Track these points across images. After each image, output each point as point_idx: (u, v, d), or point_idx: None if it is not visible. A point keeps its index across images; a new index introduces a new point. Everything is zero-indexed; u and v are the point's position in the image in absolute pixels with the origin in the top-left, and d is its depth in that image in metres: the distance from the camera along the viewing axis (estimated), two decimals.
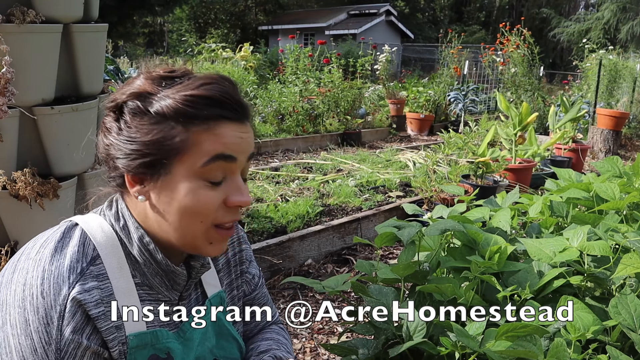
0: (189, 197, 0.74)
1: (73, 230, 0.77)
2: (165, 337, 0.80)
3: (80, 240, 0.76)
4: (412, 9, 29.52)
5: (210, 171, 0.75)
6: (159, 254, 0.79)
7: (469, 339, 0.98)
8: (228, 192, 0.77)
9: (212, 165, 0.74)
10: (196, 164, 0.74)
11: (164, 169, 0.74)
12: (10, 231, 1.35)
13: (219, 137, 0.74)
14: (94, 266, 0.74)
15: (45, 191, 1.30)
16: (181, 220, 0.76)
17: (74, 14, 1.41)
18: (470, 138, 4.22)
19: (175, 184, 0.74)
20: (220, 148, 0.74)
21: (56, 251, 0.73)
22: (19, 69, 1.24)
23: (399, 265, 1.25)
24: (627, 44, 18.80)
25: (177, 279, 0.82)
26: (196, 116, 0.73)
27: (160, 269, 0.80)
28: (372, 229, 3.39)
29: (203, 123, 0.74)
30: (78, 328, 0.71)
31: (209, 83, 0.75)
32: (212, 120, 0.74)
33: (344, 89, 7.25)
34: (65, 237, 0.76)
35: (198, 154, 0.74)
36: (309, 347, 2.13)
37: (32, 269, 0.71)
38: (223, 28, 26.88)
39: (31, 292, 0.69)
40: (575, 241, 1.25)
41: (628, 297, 1.10)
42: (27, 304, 0.69)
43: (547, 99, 8.45)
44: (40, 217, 1.35)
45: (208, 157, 0.74)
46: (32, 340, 0.68)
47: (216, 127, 0.74)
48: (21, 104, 1.29)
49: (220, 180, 0.76)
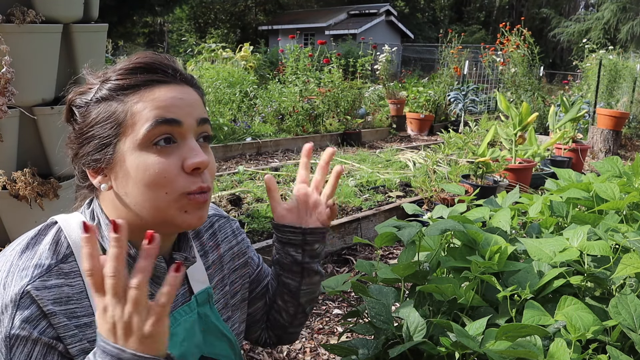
0: (142, 169, 0.73)
1: (50, 229, 0.79)
2: None
3: (54, 238, 0.77)
4: (412, 9, 29.53)
5: (154, 137, 0.73)
6: (132, 249, 0.78)
7: (468, 339, 0.98)
8: (183, 156, 0.75)
9: (154, 130, 0.73)
10: (139, 134, 0.73)
11: (112, 150, 0.75)
12: (10, 231, 1.35)
13: (155, 101, 0.74)
14: (65, 264, 0.75)
15: (45, 191, 1.30)
16: (145, 195, 0.74)
17: (74, 14, 1.41)
18: (470, 138, 4.22)
19: (127, 161, 0.74)
20: (160, 112, 0.73)
21: (27, 247, 0.75)
22: (19, 69, 1.24)
23: (399, 265, 1.25)
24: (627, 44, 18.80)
25: (157, 272, 0.80)
26: (128, 86, 0.74)
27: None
28: (372, 229, 3.39)
29: (135, 92, 0.74)
30: (31, 319, 0.71)
31: (141, 56, 0.77)
32: (144, 86, 0.75)
33: (344, 89, 7.25)
34: (40, 235, 0.77)
35: (138, 123, 0.73)
36: (309, 347, 2.13)
37: (2, 263, 0.74)
38: (223, 28, 26.88)
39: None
40: (575, 241, 1.25)
41: (628, 297, 1.10)
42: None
43: (547, 99, 8.45)
44: (40, 217, 1.35)
45: (148, 123, 0.73)
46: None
47: (149, 93, 0.74)
48: (21, 104, 1.29)
49: (168, 145, 0.74)
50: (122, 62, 0.78)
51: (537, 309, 1.10)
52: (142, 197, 0.74)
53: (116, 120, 0.74)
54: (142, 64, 0.76)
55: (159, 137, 0.73)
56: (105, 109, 0.75)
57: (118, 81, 0.75)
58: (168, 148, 0.74)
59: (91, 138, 0.76)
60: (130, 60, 0.77)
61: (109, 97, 0.75)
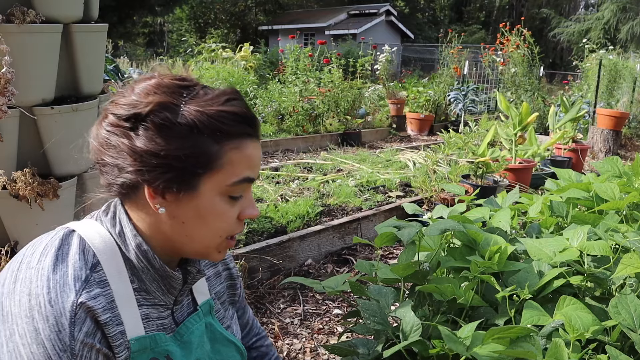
0: (211, 211, 0.76)
1: (71, 237, 0.76)
2: (163, 340, 0.80)
3: (80, 247, 0.75)
4: (412, 9, 29.52)
5: (235, 190, 0.77)
6: (157, 261, 0.79)
7: (456, 344, 0.98)
8: (243, 207, 0.80)
9: (240, 186, 0.77)
10: (225, 182, 0.75)
11: (190, 183, 0.74)
12: (10, 231, 1.35)
13: (249, 158, 0.77)
14: (95, 273, 0.74)
15: (45, 191, 1.30)
16: (200, 231, 0.78)
17: (74, 14, 1.41)
18: (470, 138, 4.22)
19: (200, 199, 0.75)
20: (249, 171, 0.77)
21: (57, 259, 0.73)
22: (19, 69, 1.24)
23: (399, 265, 1.25)
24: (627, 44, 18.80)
25: (174, 283, 0.83)
26: (228, 133, 0.74)
27: (157, 275, 0.80)
28: (372, 229, 3.39)
29: (234, 141, 0.75)
30: (90, 332, 0.70)
31: (233, 99, 0.76)
32: (241, 139, 0.76)
33: (344, 89, 7.25)
34: (64, 245, 0.75)
35: (229, 173, 0.75)
36: (309, 347, 2.13)
37: (36, 278, 0.70)
38: (223, 28, 26.88)
39: (38, 302, 0.68)
40: (575, 241, 1.25)
41: (628, 297, 1.10)
42: (35, 313, 0.68)
43: (547, 99, 8.45)
44: (40, 217, 1.35)
45: (238, 178, 0.76)
46: (45, 348, 0.67)
47: (245, 147, 0.76)
48: (21, 104, 1.29)
49: (240, 197, 0.79)
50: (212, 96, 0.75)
51: (536, 309, 1.10)
52: (197, 232, 0.78)
53: (208, 159, 0.73)
54: (240, 114, 0.76)
55: (239, 190, 0.78)
56: (197, 142, 0.72)
57: (218, 123, 0.73)
58: (237, 199, 0.79)
59: (172, 164, 0.72)
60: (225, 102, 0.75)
61: (202, 133, 0.72)
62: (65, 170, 1.41)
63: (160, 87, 0.74)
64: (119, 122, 0.74)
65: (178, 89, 0.75)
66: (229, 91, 0.77)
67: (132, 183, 0.75)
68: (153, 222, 0.78)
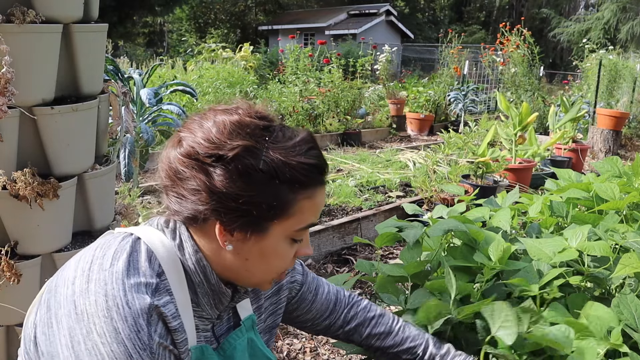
0: (274, 252, 0.80)
1: (139, 244, 0.77)
2: (209, 352, 0.83)
3: (147, 255, 0.76)
4: (412, 9, 29.52)
5: (299, 234, 0.81)
6: (214, 277, 0.82)
7: None
8: (301, 246, 0.84)
9: (305, 231, 0.82)
10: (293, 228, 0.79)
11: (262, 228, 0.77)
12: (10, 231, 1.35)
13: (316, 205, 0.81)
14: (162, 282, 0.76)
15: (45, 191, 1.30)
16: (261, 267, 0.81)
17: (74, 14, 1.41)
18: (470, 138, 4.22)
19: (267, 241, 0.79)
20: (314, 218, 0.81)
21: (130, 265, 0.74)
22: (19, 69, 1.24)
23: (410, 263, 1.26)
24: (627, 44, 18.80)
25: (223, 299, 0.85)
26: (306, 185, 0.77)
27: (210, 290, 0.83)
28: (372, 229, 3.39)
29: (308, 191, 0.78)
30: (162, 335, 0.73)
31: (312, 147, 0.79)
32: (314, 188, 0.79)
33: (344, 89, 7.25)
34: (134, 251, 0.76)
35: (298, 220, 0.79)
36: (309, 347, 2.13)
37: (111, 280, 0.71)
38: (223, 28, 26.87)
39: (115, 303, 0.69)
40: (574, 241, 1.25)
41: (628, 296, 1.10)
42: (114, 314, 0.69)
43: (547, 99, 8.44)
44: (40, 217, 1.35)
45: (304, 224, 0.80)
46: (126, 347, 0.68)
47: (315, 195, 0.80)
48: (21, 104, 1.29)
49: (301, 240, 0.83)
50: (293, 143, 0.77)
51: (560, 310, 1.10)
52: (257, 268, 0.81)
53: (283, 207, 0.76)
54: (318, 166, 0.79)
55: (302, 234, 0.82)
56: (276, 190, 0.75)
57: (299, 175, 0.75)
58: (297, 242, 0.83)
59: (250, 209, 0.75)
60: (306, 151, 0.77)
61: (281, 182, 0.75)
62: (65, 170, 1.41)
63: (243, 128, 0.75)
64: (197, 157, 0.75)
65: (260, 131, 0.76)
66: (308, 137, 0.80)
67: (204, 217, 0.77)
68: (216, 251, 0.80)
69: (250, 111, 0.78)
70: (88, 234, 1.55)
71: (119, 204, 1.78)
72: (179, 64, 9.07)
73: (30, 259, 1.37)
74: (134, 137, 3.07)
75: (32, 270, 1.38)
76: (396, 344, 1.07)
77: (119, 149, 2.70)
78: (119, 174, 2.81)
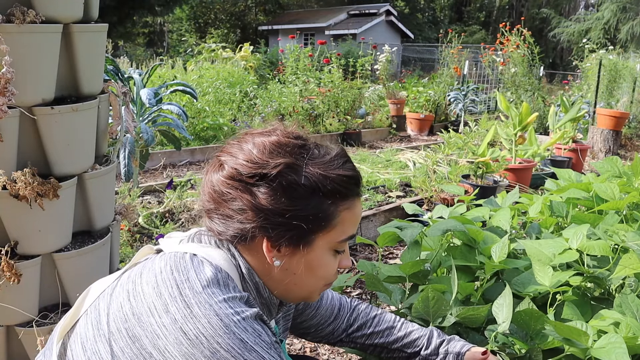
0: (320, 265, 0.84)
1: (210, 264, 0.79)
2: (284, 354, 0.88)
3: (223, 273, 0.78)
4: (412, 9, 29.52)
5: (342, 245, 0.85)
6: (266, 291, 0.85)
7: None
8: (342, 258, 0.88)
9: (346, 243, 0.85)
10: (336, 239, 0.83)
11: (308, 241, 0.80)
12: (10, 231, 1.35)
13: (356, 216, 0.84)
14: (244, 294, 0.79)
15: (45, 191, 1.30)
16: (309, 280, 0.85)
17: (74, 14, 1.41)
18: (470, 138, 4.22)
19: (314, 254, 0.82)
20: (354, 228, 0.85)
21: (220, 284, 0.76)
22: (19, 69, 1.24)
23: (407, 263, 1.26)
24: (627, 44, 18.80)
25: (272, 310, 0.89)
26: (346, 196, 0.81)
27: (261, 304, 0.86)
28: (372, 229, 3.39)
29: (347, 202, 0.82)
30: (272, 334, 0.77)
31: (347, 161, 0.83)
32: (352, 199, 0.83)
33: (344, 89, 7.24)
34: (217, 272, 0.78)
35: (340, 231, 0.83)
36: (309, 347, 2.13)
37: (213, 301, 0.73)
38: (223, 28, 26.87)
39: (230, 319, 0.72)
40: (574, 241, 1.25)
41: (629, 296, 1.10)
42: (234, 328, 0.71)
43: (547, 99, 8.44)
44: (40, 217, 1.35)
45: (346, 235, 0.84)
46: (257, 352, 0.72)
47: (355, 206, 0.84)
48: (21, 104, 1.29)
49: (343, 250, 0.87)
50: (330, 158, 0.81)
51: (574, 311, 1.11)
52: (305, 281, 0.85)
53: (326, 219, 0.80)
54: (355, 177, 0.83)
55: (344, 245, 0.85)
56: (319, 203, 0.79)
57: (339, 187, 0.80)
58: (340, 253, 0.86)
59: (296, 223, 0.78)
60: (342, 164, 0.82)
61: (322, 195, 0.79)
62: (65, 170, 1.41)
63: (282, 147, 0.79)
64: (241, 178, 0.79)
65: (298, 149, 0.80)
66: (342, 152, 0.84)
67: (252, 235, 0.80)
68: (264, 267, 0.83)
69: (286, 132, 0.83)
70: (88, 234, 1.55)
71: (119, 204, 1.78)
72: (179, 64, 9.07)
73: (30, 259, 1.37)
74: (134, 137, 3.07)
75: (32, 270, 1.38)
76: (400, 338, 1.10)
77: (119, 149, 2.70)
78: (119, 174, 2.81)
